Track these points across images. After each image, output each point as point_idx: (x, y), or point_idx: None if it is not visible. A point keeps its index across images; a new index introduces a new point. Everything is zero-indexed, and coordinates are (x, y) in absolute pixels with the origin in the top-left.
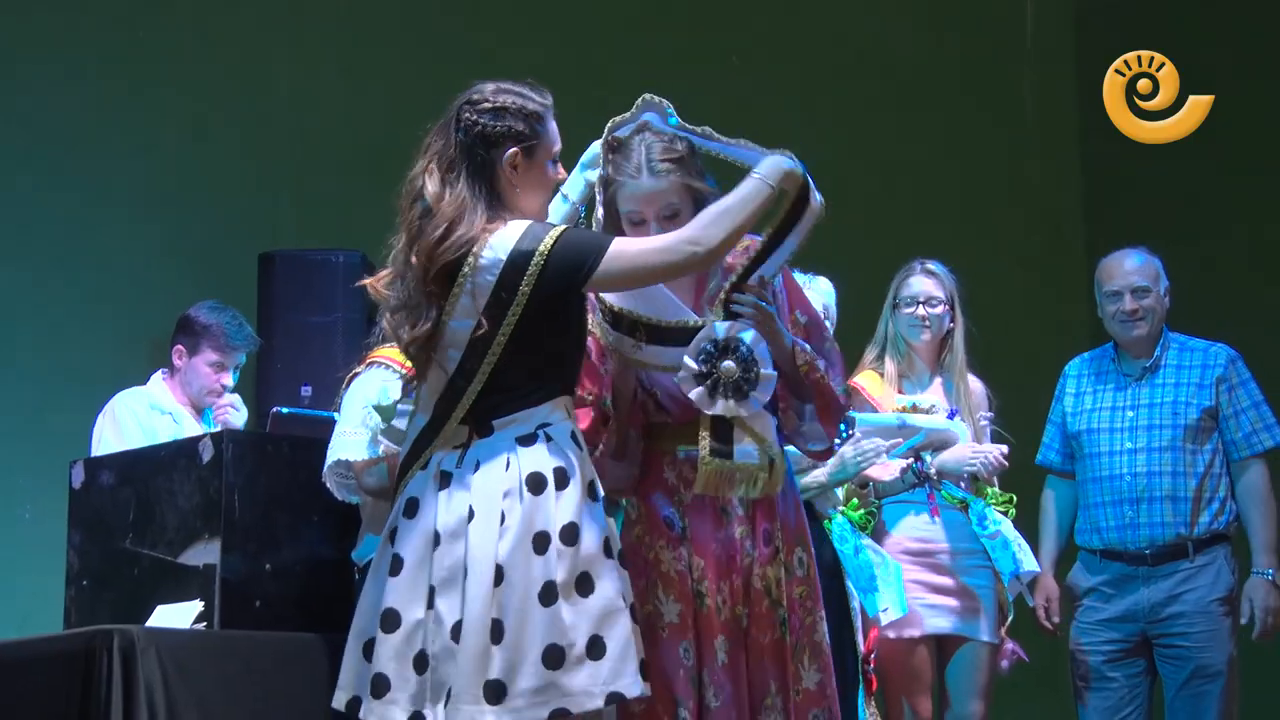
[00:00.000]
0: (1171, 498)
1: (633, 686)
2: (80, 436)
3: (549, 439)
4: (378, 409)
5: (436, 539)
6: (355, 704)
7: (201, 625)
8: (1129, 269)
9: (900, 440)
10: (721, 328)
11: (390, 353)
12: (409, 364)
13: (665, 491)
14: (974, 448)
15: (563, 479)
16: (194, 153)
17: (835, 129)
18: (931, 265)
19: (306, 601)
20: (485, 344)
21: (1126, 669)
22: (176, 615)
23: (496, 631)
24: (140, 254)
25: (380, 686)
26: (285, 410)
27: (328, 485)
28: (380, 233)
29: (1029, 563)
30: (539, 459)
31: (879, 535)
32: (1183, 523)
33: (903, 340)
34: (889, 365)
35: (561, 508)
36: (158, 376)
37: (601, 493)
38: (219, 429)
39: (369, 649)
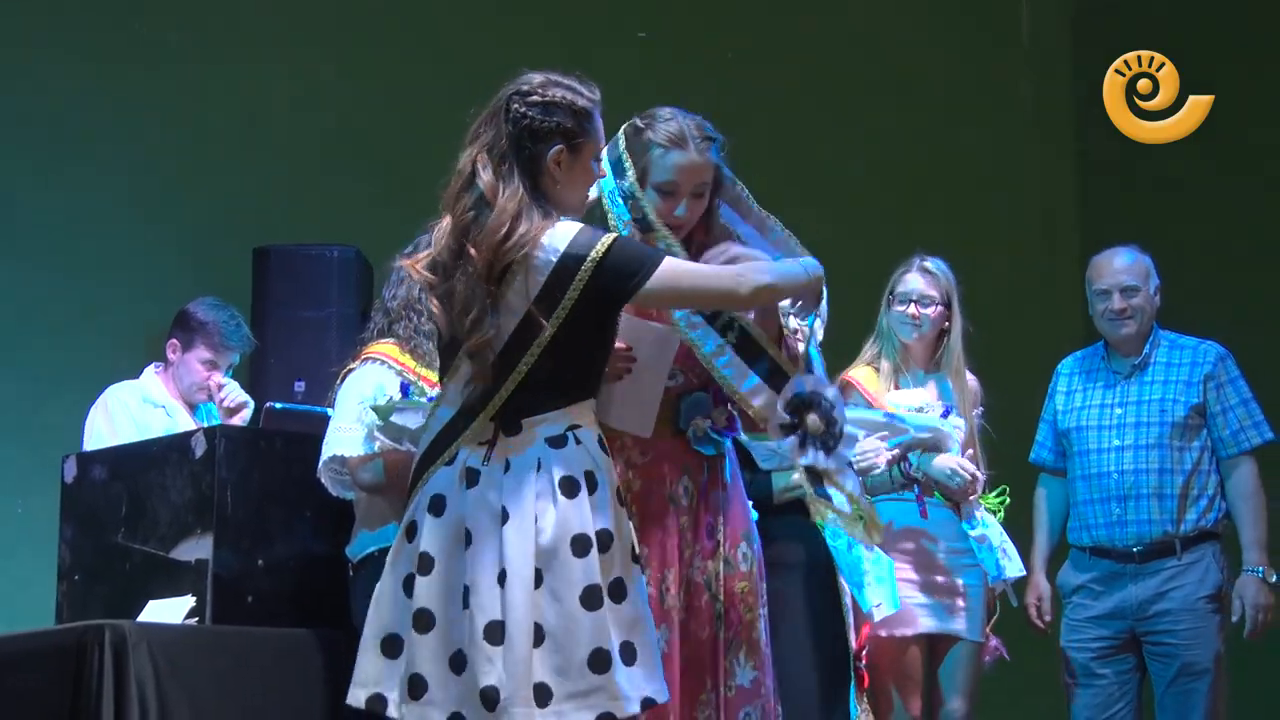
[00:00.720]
0: (1158, 495)
1: (661, 692)
2: (74, 431)
3: (578, 442)
4: (375, 409)
5: (468, 538)
6: (376, 701)
7: (193, 621)
8: (1118, 268)
9: (889, 435)
10: (805, 381)
11: (385, 348)
12: (403, 360)
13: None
14: (958, 463)
15: (593, 483)
16: (189, 148)
17: (831, 124)
18: (929, 264)
19: (299, 597)
20: (526, 343)
21: (1116, 666)
22: (168, 610)
23: (538, 635)
24: (135, 249)
25: (418, 687)
26: (279, 405)
27: (322, 481)
28: (375, 228)
29: (1011, 568)
30: (570, 462)
31: None
32: (1170, 520)
33: (895, 336)
34: (884, 362)
35: (595, 512)
36: (150, 370)
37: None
38: (214, 423)
39: (390, 647)
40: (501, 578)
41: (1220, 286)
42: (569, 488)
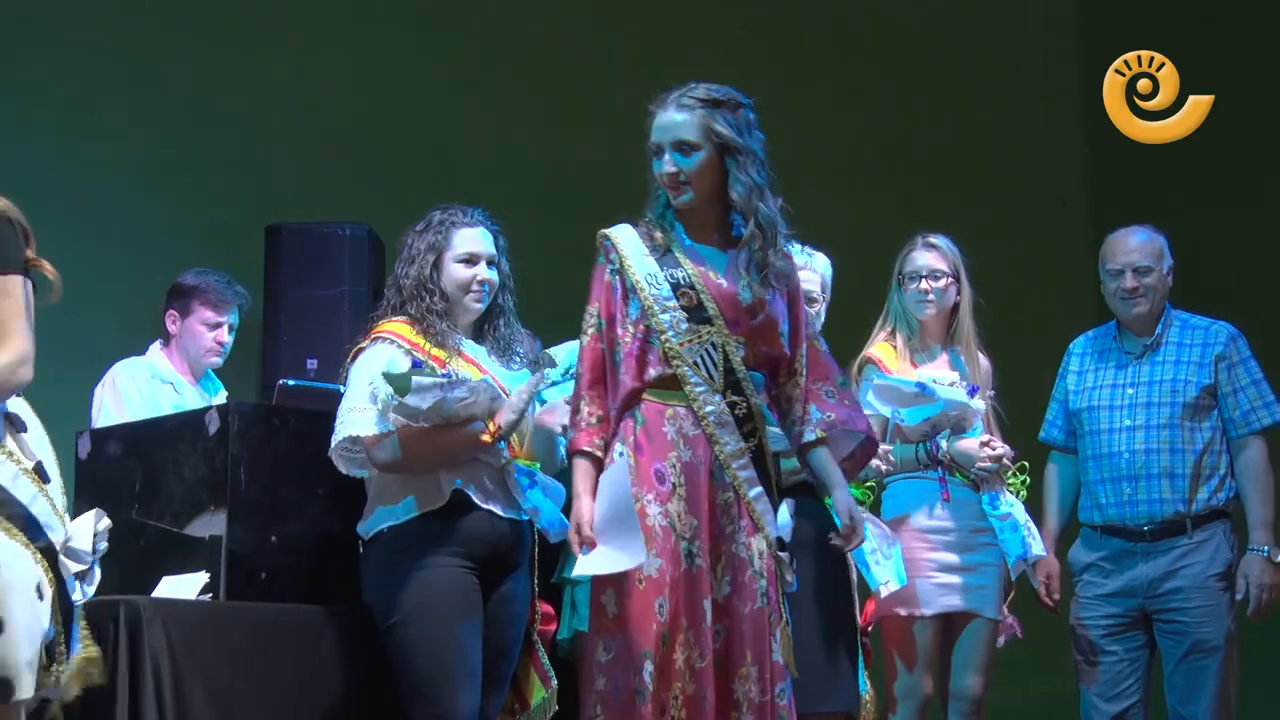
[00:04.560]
0: (1169, 474)
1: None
2: (84, 407)
3: None
4: (388, 377)
5: None
6: None
7: (207, 597)
8: (1131, 247)
9: (916, 402)
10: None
11: (395, 327)
12: (414, 339)
13: (662, 445)
14: (986, 446)
15: None
16: (201, 125)
17: (840, 105)
18: (934, 238)
19: (312, 574)
20: None
21: (1126, 643)
22: (182, 586)
23: None
24: (148, 227)
25: None
26: (291, 383)
27: (334, 461)
28: (387, 206)
29: (1037, 547)
30: None
31: (878, 510)
32: (1180, 499)
33: (910, 315)
34: (899, 340)
35: None
36: (155, 347)
37: None
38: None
39: None
40: None
41: (1231, 266)
42: None
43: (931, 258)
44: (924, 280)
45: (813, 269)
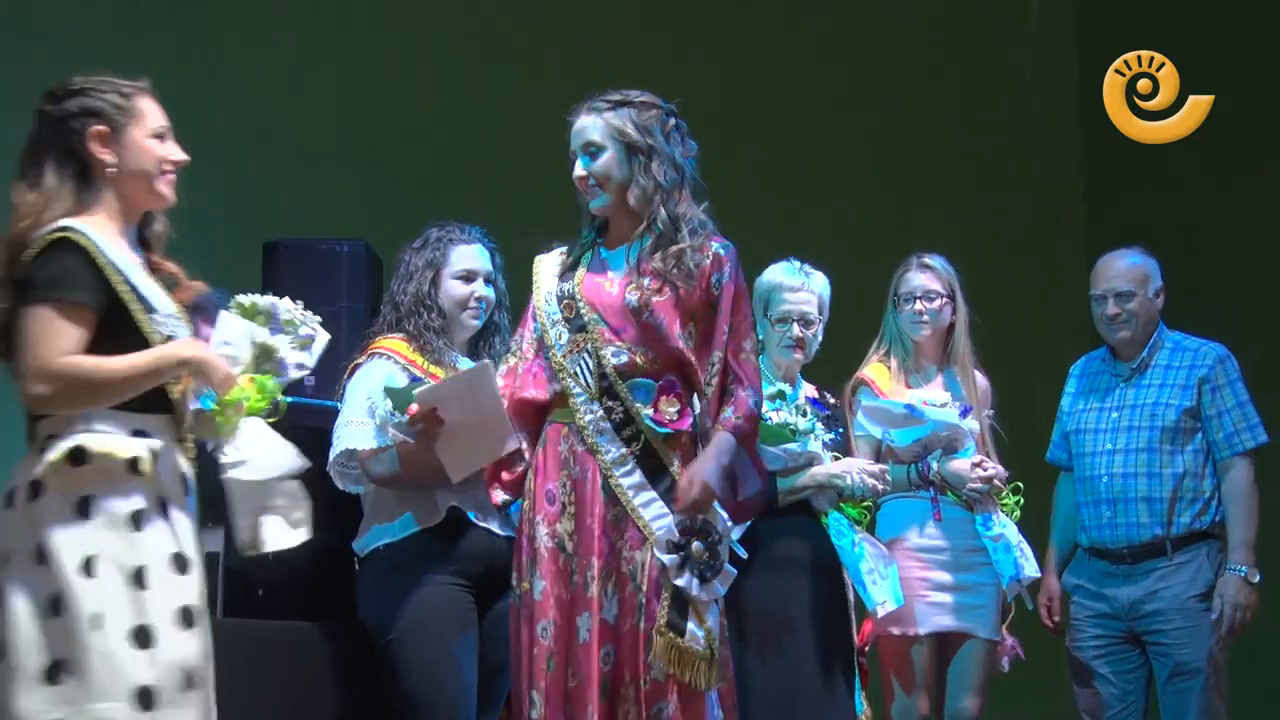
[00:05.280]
0: (1146, 499)
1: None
2: None
3: (41, 450)
4: (389, 392)
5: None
6: None
7: None
8: (1114, 273)
9: (904, 424)
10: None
11: (392, 344)
12: (411, 355)
13: (555, 465)
14: (978, 467)
15: (36, 491)
16: (199, 141)
17: (832, 118)
18: (928, 259)
19: (308, 591)
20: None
21: (1118, 665)
22: None
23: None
24: None
25: None
26: (288, 399)
27: (331, 476)
28: (384, 222)
29: (1030, 568)
30: (23, 472)
31: (873, 530)
32: (1159, 523)
33: (905, 337)
34: (894, 361)
35: (27, 526)
36: None
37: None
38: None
39: None
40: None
41: (1227, 282)
42: (8, 499)
43: (926, 278)
44: (919, 301)
45: (809, 289)
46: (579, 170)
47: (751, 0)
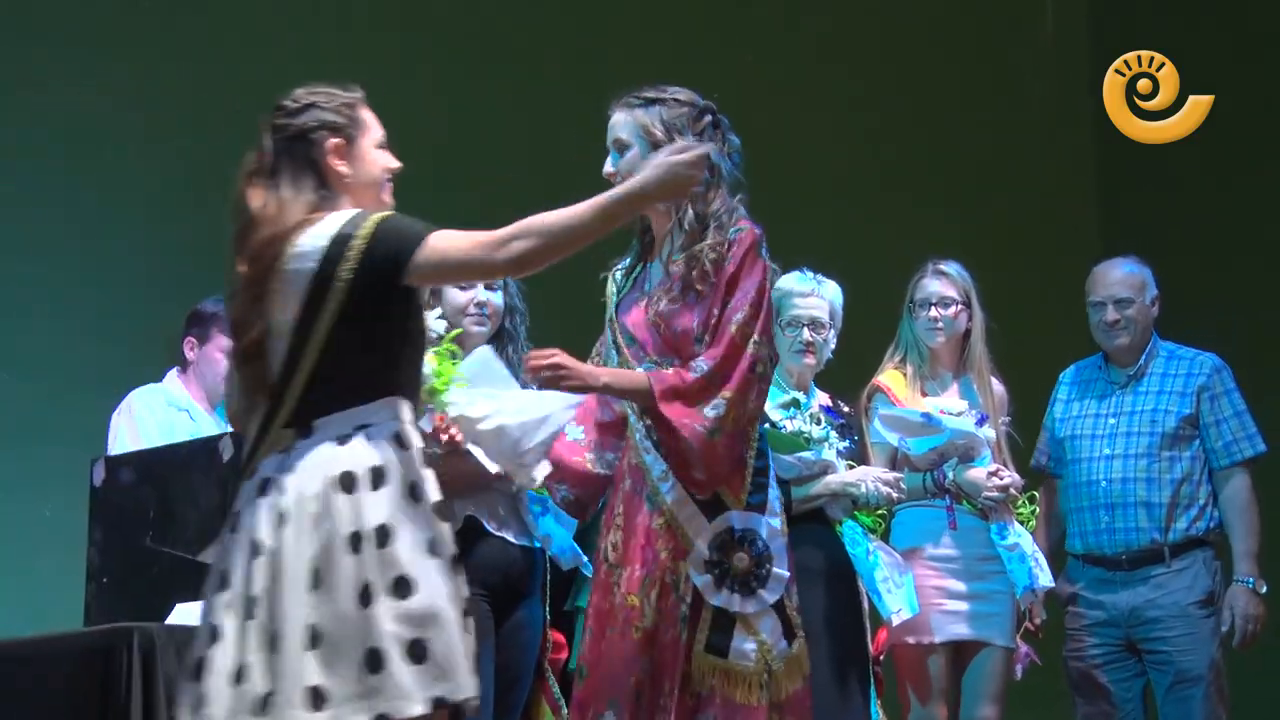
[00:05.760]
0: (1145, 504)
1: (458, 690)
2: (101, 434)
3: (368, 439)
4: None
5: (255, 549)
6: None
7: None
8: (1112, 280)
9: (923, 432)
10: (740, 518)
11: None
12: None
13: (619, 478)
14: (994, 476)
15: (379, 478)
16: (207, 150)
17: (842, 123)
18: (944, 266)
19: None
20: (305, 341)
21: (1116, 673)
22: (196, 613)
23: (314, 637)
24: (157, 252)
25: (200, 702)
26: None
27: None
28: None
29: (1044, 578)
30: (354, 458)
31: (888, 539)
32: (1157, 529)
33: (921, 344)
34: (910, 368)
35: (374, 508)
36: (173, 374)
37: (430, 495)
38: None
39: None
40: (279, 580)
41: (1227, 282)
42: (347, 484)
43: (941, 285)
44: (934, 308)
45: (821, 295)
46: (607, 167)
47: (751, 0)
